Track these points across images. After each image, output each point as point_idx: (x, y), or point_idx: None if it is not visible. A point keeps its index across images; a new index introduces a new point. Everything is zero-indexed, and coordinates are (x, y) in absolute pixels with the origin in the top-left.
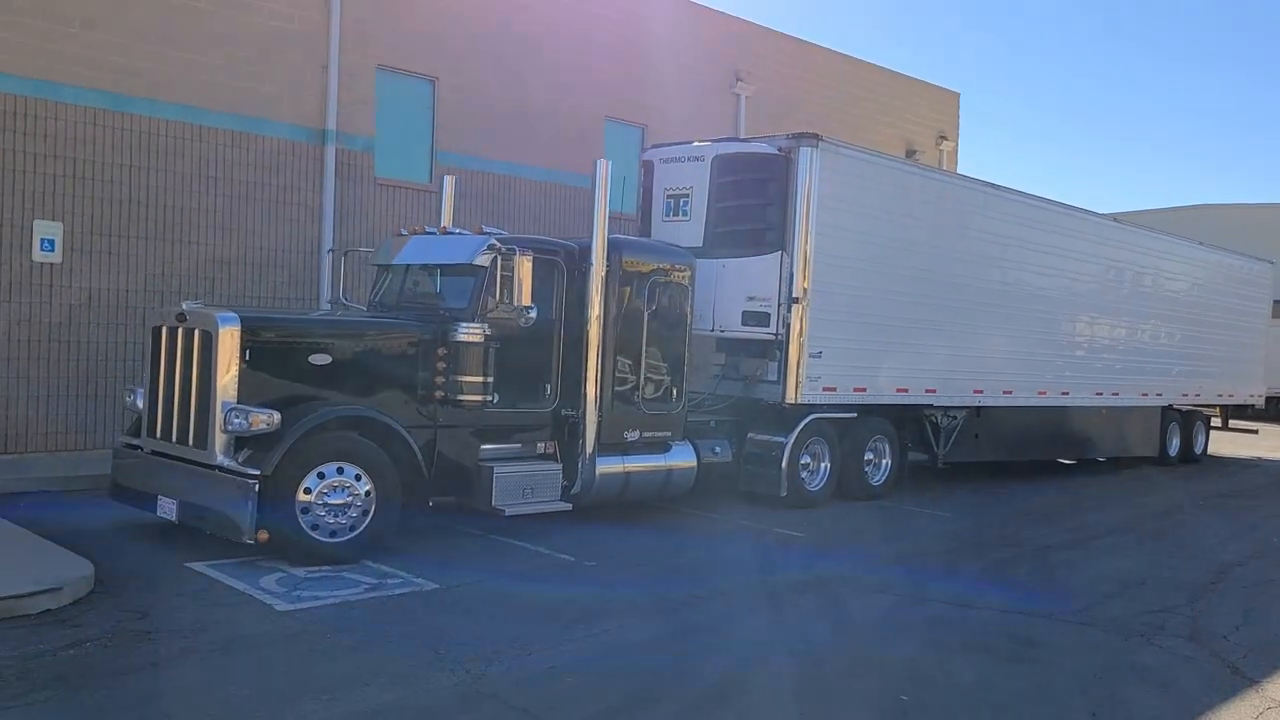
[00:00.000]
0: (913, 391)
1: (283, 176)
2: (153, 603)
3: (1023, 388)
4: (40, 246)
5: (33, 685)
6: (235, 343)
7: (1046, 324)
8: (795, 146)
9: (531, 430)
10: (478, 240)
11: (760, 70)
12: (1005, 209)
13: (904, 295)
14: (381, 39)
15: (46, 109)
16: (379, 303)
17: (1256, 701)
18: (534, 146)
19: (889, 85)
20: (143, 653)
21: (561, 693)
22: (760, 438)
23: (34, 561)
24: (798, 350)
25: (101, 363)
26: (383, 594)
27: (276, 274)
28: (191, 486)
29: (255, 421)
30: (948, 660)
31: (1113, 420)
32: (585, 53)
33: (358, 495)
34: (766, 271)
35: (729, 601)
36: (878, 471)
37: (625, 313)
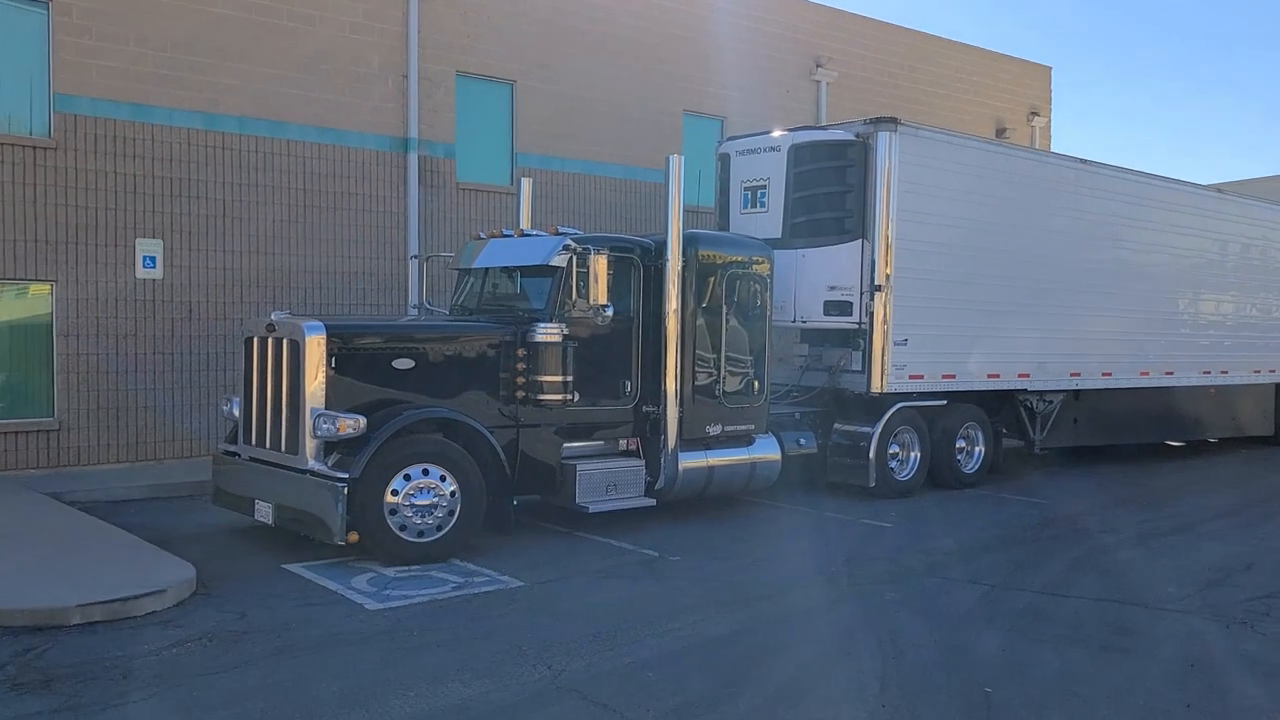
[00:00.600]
0: (1004, 377)
1: (367, 186)
2: (250, 603)
3: (1123, 369)
4: (143, 264)
5: (136, 684)
6: (321, 351)
7: (1147, 302)
8: (873, 132)
9: (613, 427)
10: (553, 241)
11: (840, 55)
12: (1098, 185)
13: (992, 278)
14: (459, 45)
15: (143, 131)
16: (460, 306)
17: None
18: (612, 143)
19: (976, 62)
20: (239, 652)
21: (642, 687)
22: (847, 428)
23: (140, 565)
24: (882, 338)
25: (201, 373)
26: (469, 592)
27: (365, 281)
28: (285, 491)
29: (342, 427)
30: (1036, 651)
31: (1222, 399)
32: (660, 47)
33: (443, 496)
34: (848, 260)
35: (814, 594)
36: (970, 459)
37: (703, 307)
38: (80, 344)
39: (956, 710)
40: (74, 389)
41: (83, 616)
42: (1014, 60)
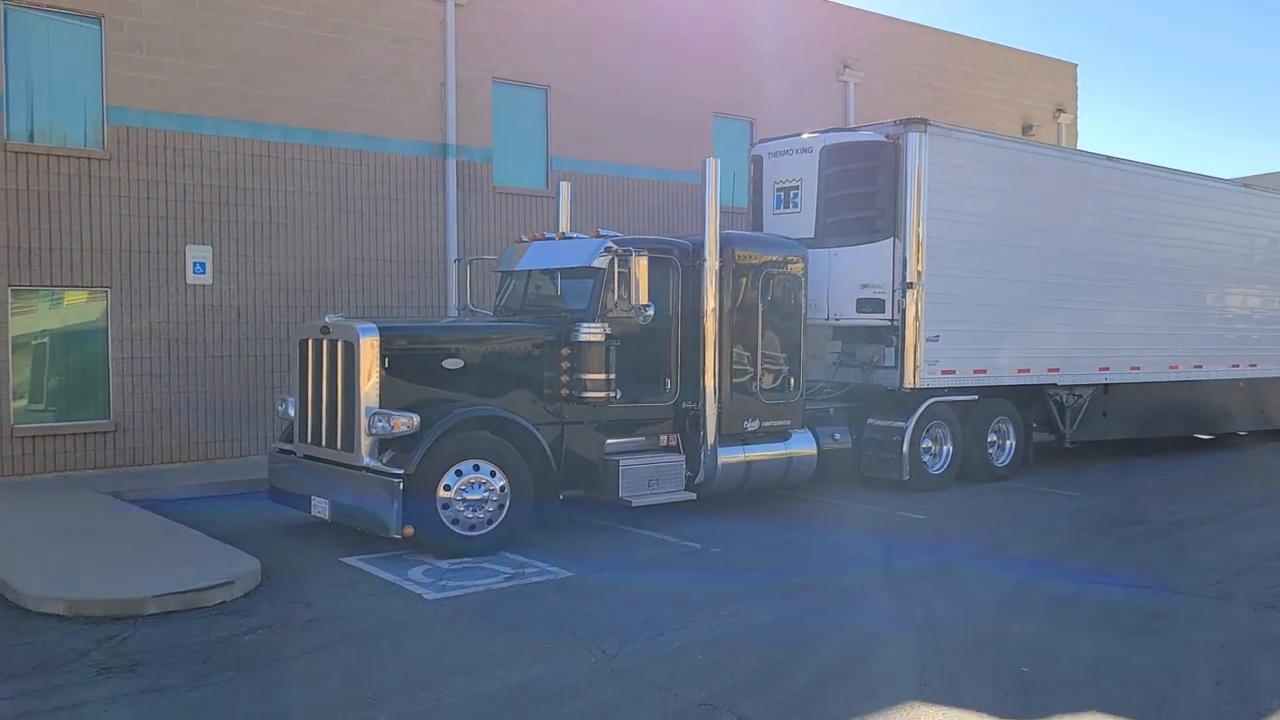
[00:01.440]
0: (1035, 371)
1: (407, 190)
2: (314, 594)
3: (1152, 363)
4: (193, 270)
5: (215, 667)
6: (375, 352)
7: (1175, 297)
8: (903, 132)
9: (654, 423)
10: (595, 243)
11: (867, 56)
12: (1125, 181)
13: (1022, 275)
14: (495, 52)
15: (191, 141)
16: (504, 307)
17: None
18: (645, 146)
19: (1001, 61)
20: (308, 638)
21: (693, 669)
22: (880, 423)
23: (207, 559)
24: (914, 335)
25: (252, 375)
26: (521, 582)
27: (406, 283)
28: (341, 487)
29: (397, 425)
30: (1071, 635)
31: (1252, 392)
32: (690, 51)
33: (493, 490)
34: (879, 258)
35: (852, 583)
36: (1002, 453)
37: (740, 306)
38: (134, 348)
39: (993, 688)
40: (129, 392)
41: (158, 606)
42: (1039, 58)
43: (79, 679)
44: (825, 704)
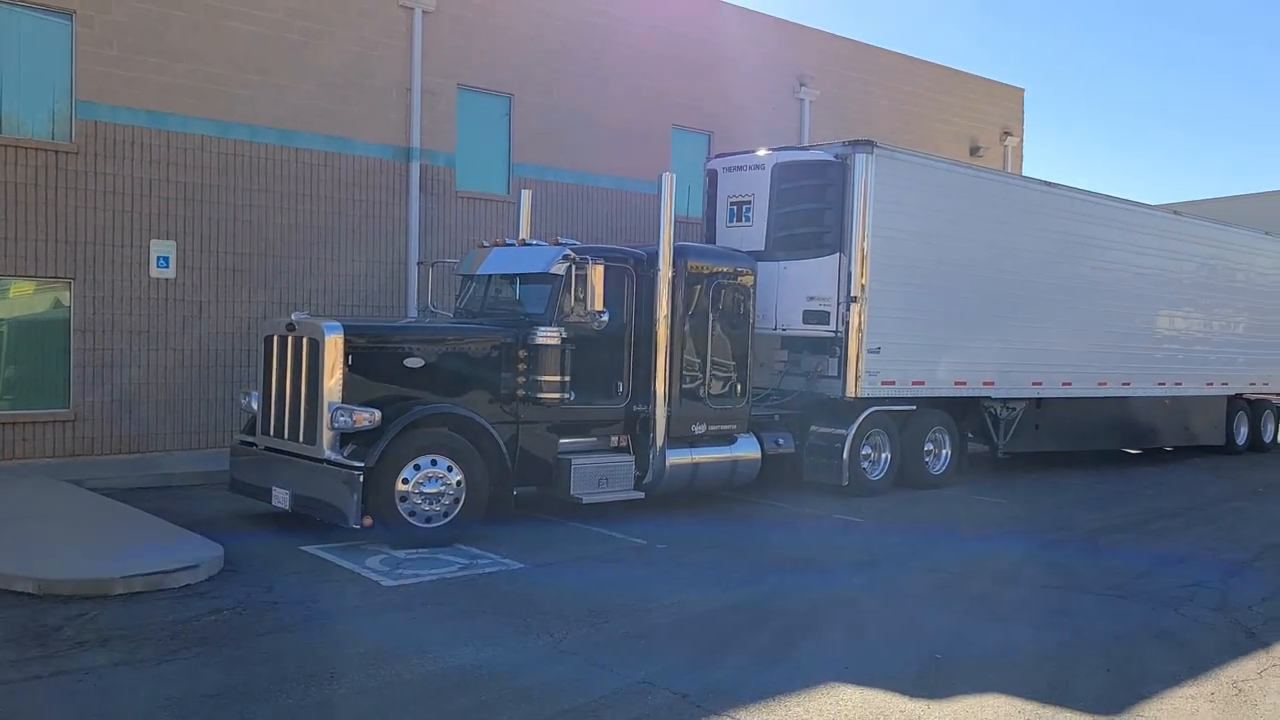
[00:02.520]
0: (971, 384)
1: (371, 193)
2: (275, 579)
3: (1083, 379)
4: (156, 263)
5: (185, 644)
6: (339, 349)
7: (1106, 316)
8: (851, 153)
9: (605, 425)
10: (553, 251)
11: (823, 74)
12: (1061, 205)
13: (961, 292)
14: (461, 60)
15: (159, 137)
16: (464, 309)
17: (1263, 660)
18: (605, 156)
19: (951, 83)
20: (271, 619)
21: (635, 652)
22: (822, 430)
23: (171, 544)
24: (857, 346)
25: (212, 369)
26: (475, 572)
27: (368, 283)
28: (303, 479)
29: (359, 419)
30: (984, 626)
31: (1176, 410)
32: (652, 64)
33: (450, 485)
34: (825, 272)
35: (790, 579)
36: (938, 461)
37: (691, 314)
38: (95, 339)
39: (909, 671)
40: (89, 382)
41: (125, 587)
42: (988, 82)
43: (53, 652)
44: (756, 683)
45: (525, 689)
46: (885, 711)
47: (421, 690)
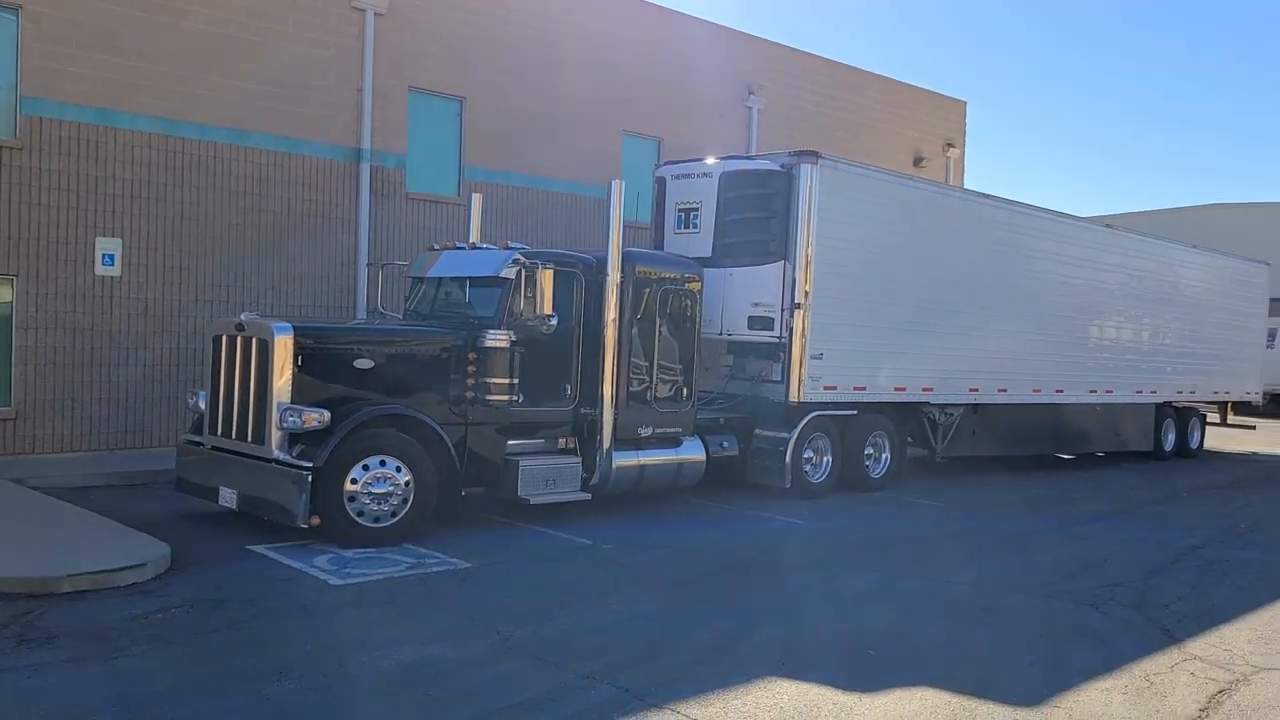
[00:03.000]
0: (910, 390)
1: (321, 193)
2: (223, 578)
3: (1018, 386)
4: (102, 261)
5: (132, 641)
6: (289, 350)
7: (1041, 325)
8: (796, 163)
9: (553, 427)
10: (503, 255)
11: (771, 84)
12: (998, 217)
13: (901, 299)
14: (413, 62)
15: (105, 134)
16: (414, 311)
17: (1176, 656)
18: (556, 160)
19: (896, 95)
20: (221, 617)
21: (580, 649)
22: (766, 433)
23: (117, 543)
24: (800, 352)
25: (156, 368)
26: (423, 571)
27: (316, 284)
28: (251, 478)
29: (308, 420)
30: (920, 624)
31: (1108, 416)
32: (603, 70)
33: (398, 485)
34: (770, 279)
35: (732, 579)
36: (877, 465)
37: (639, 319)
38: (38, 337)
39: (844, 668)
40: (31, 380)
41: (71, 585)
42: (932, 94)
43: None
44: (697, 678)
45: (473, 685)
46: (819, 704)
47: (371, 686)
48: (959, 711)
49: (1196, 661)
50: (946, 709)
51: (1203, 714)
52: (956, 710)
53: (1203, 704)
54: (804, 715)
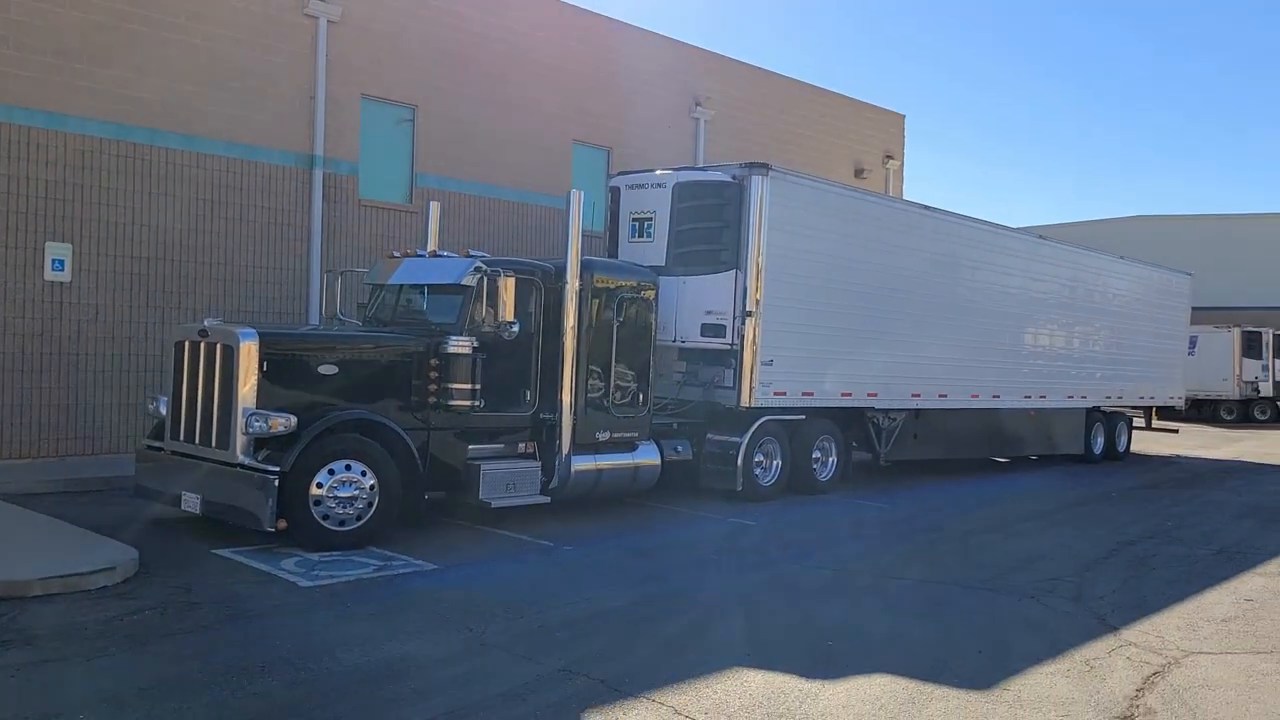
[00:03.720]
0: (855, 395)
1: (274, 199)
2: (192, 580)
3: (957, 391)
4: (51, 267)
5: (110, 641)
6: (254, 355)
7: (979, 333)
8: (747, 175)
9: (513, 432)
10: (465, 262)
11: (718, 95)
12: (938, 228)
13: (847, 308)
14: (366, 70)
15: (55, 139)
16: (374, 318)
17: (1112, 641)
18: (507, 168)
19: (839, 108)
20: (194, 617)
21: (552, 643)
22: (718, 438)
23: (83, 548)
24: (751, 359)
25: (108, 373)
26: (390, 573)
27: (268, 290)
28: (215, 483)
29: (274, 425)
30: (870, 618)
31: (1041, 421)
32: (554, 80)
33: (364, 489)
34: (722, 288)
35: (690, 577)
36: (824, 468)
37: (596, 326)
38: None
39: (804, 657)
40: None
41: (43, 589)
42: (871, 107)
43: None
44: (666, 669)
45: (452, 677)
46: (785, 690)
47: (352, 680)
48: (916, 695)
49: (1132, 647)
50: (904, 694)
51: (1139, 693)
52: (914, 694)
53: (1139, 684)
54: (773, 701)
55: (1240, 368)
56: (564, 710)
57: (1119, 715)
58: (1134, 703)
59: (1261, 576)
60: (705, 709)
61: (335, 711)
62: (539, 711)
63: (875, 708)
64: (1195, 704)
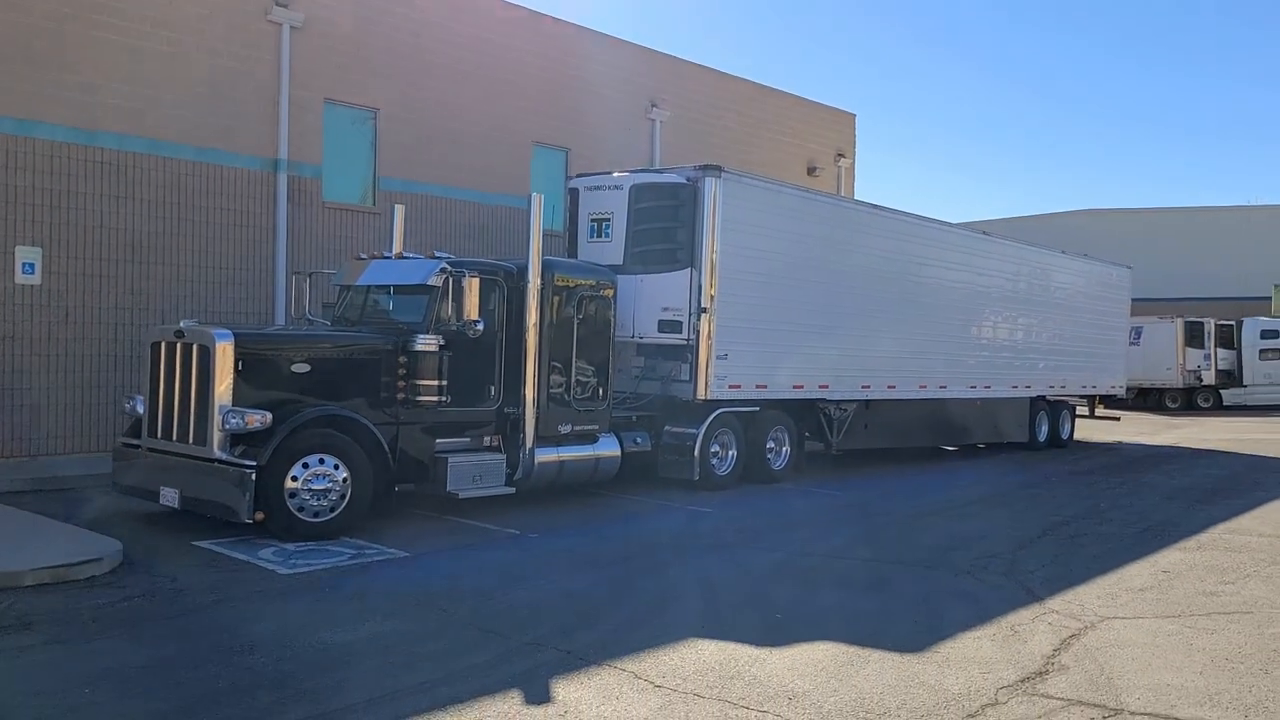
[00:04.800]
0: (807, 387)
1: (239, 202)
2: (176, 570)
3: (905, 382)
4: (21, 270)
5: (105, 626)
6: (230, 355)
7: (925, 326)
8: (701, 177)
9: (479, 426)
10: (430, 264)
11: (673, 97)
12: (885, 226)
13: (799, 303)
14: (328, 74)
15: (23, 144)
16: (342, 318)
17: (1038, 610)
18: (468, 170)
19: (791, 108)
20: (182, 603)
21: (521, 620)
22: (675, 430)
23: (68, 540)
24: (706, 353)
25: (78, 373)
26: (364, 561)
27: (235, 290)
28: (192, 478)
29: (250, 421)
30: (816, 594)
31: (987, 410)
32: (513, 83)
33: (336, 482)
34: (678, 285)
35: (650, 560)
36: (778, 458)
37: (557, 324)
38: None
39: (755, 628)
40: None
41: (34, 579)
42: (823, 107)
43: None
44: (629, 640)
45: (430, 652)
46: (737, 657)
47: (337, 655)
48: (854, 658)
49: (1054, 614)
50: (844, 657)
51: (1055, 653)
52: (853, 657)
53: (1056, 645)
54: (725, 666)
55: (1183, 357)
56: (534, 677)
57: (1035, 671)
58: (1050, 661)
59: (1180, 551)
60: (662, 673)
61: (323, 682)
62: (512, 678)
63: (817, 669)
64: (1104, 660)
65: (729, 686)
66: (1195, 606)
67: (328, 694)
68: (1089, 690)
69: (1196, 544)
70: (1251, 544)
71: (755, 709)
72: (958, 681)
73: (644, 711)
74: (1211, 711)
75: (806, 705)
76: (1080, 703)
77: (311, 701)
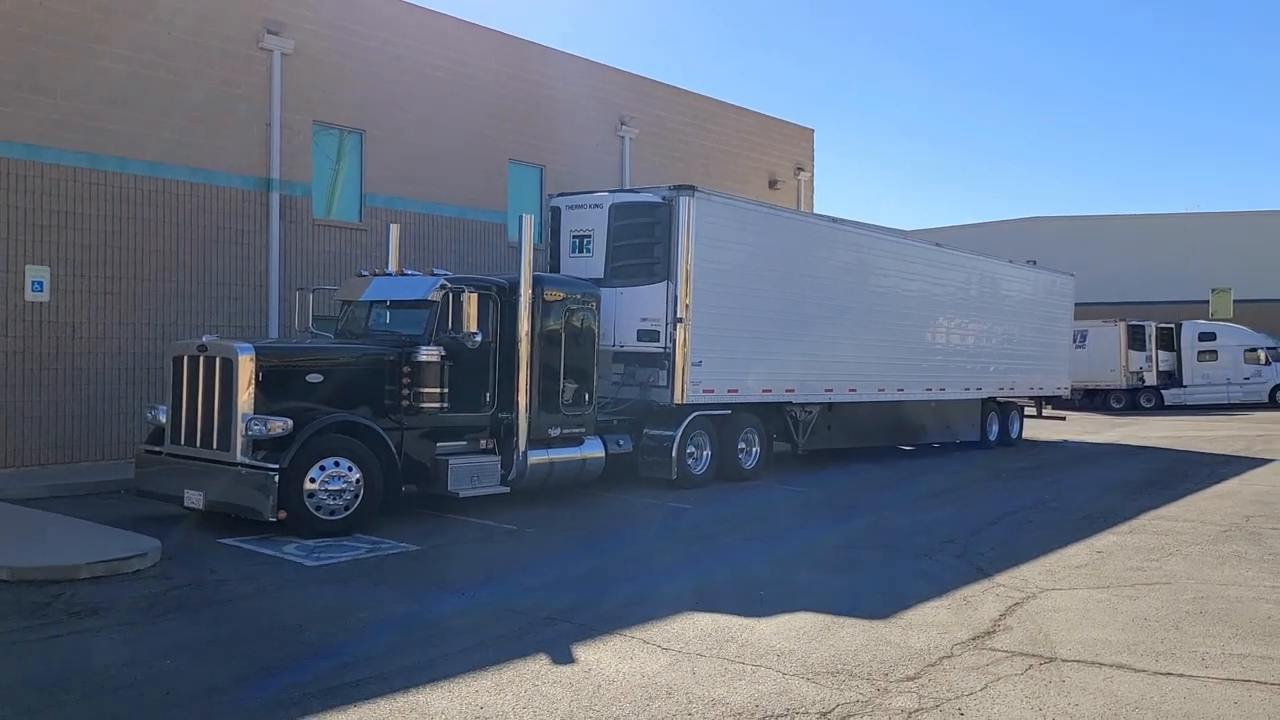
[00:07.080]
0: (775, 391)
1: (234, 221)
2: (213, 564)
3: (865, 386)
4: (31, 288)
5: (165, 610)
6: (251, 367)
7: (883, 332)
8: (676, 196)
9: (475, 430)
10: (431, 280)
11: (642, 115)
12: (845, 239)
13: (767, 313)
14: (317, 97)
15: (32, 169)
16: (345, 331)
17: (987, 584)
18: (448, 187)
19: (753, 124)
20: (226, 592)
21: (534, 601)
22: (654, 432)
23: (109, 539)
24: (682, 360)
25: (85, 386)
26: (380, 554)
27: (230, 305)
28: (217, 481)
29: (273, 428)
30: (791, 573)
31: (941, 411)
32: (490, 103)
33: (350, 483)
34: (655, 297)
35: (640, 549)
36: (749, 458)
37: (546, 335)
38: None
39: (741, 603)
40: None
41: (89, 572)
42: (783, 123)
43: (52, 620)
44: (631, 614)
45: (461, 627)
46: (728, 625)
47: (382, 629)
48: (831, 624)
49: (1001, 587)
50: (822, 623)
51: (1001, 617)
52: (829, 624)
53: (1002, 611)
54: (719, 632)
55: (1126, 359)
56: (555, 644)
57: (984, 631)
58: (996, 623)
59: (1115, 534)
60: (667, 639)
61: (372, 651)
62: (536, 645)
63: (799, 633)
64: (1042, 622)
65: (725, 648)
66: (1123, 579)
67: (380, 660)
68: (1029, 645)
69: (1129, 529)
70: (1176, 528)
71: (750, 664)
72: (919, 640)
73: (656, 667)
74: (1129, 658)
75: (793, 660)
76: (1021, 654)
77: (368, 665)
